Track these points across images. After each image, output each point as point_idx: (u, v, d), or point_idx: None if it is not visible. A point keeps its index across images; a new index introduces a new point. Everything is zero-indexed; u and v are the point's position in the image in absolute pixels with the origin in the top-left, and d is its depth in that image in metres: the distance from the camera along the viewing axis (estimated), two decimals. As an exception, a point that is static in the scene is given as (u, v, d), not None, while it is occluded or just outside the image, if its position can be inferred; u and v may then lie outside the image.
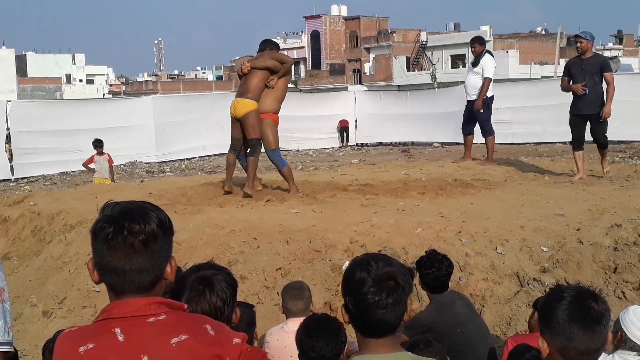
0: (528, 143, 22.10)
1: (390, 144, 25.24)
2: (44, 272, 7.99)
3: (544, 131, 22.09)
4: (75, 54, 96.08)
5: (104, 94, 78.22)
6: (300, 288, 4.63)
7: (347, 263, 6.34)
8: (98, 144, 15.02)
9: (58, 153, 20.78)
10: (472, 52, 13.11)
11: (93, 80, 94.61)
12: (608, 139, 10.31)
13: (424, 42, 69.22)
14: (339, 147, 25.69)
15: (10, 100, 23.18)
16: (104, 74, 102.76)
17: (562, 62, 54.89)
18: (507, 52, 60.59)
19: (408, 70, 65.38)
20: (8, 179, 20.00)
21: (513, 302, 5.72)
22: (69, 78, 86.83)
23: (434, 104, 25.36)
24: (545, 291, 5.24)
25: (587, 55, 10.00)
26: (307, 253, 6.69)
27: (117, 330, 2.05)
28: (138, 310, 2.06)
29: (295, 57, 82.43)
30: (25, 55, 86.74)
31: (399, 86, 55.62)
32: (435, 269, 4.63)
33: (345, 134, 26.36)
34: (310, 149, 25.00)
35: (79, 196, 10.45)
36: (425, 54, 68.68)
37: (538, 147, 20.75)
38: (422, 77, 60.07)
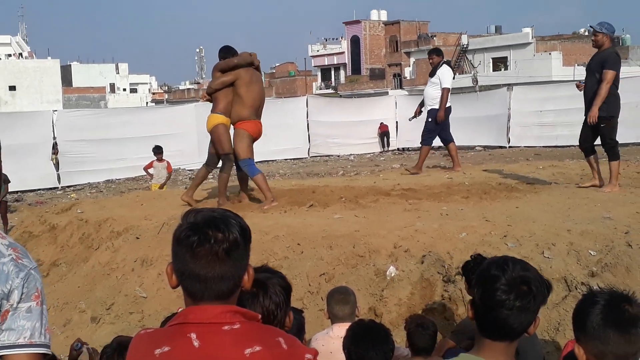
0: (573, 146, 21.78)
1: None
2: (91, 278, 8.08)
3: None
4: (119, 64, 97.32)
5: (147, 103, 79.15)
6: (346, 293, 4.61)
7: (391, 268, 6.32)
8: (158, 150, 15.25)
9: (103, 161, 21.11)
10: (430, 63, 12.93)
11: (136, 89, 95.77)
12: (617, 147, 9.04)
13: (465, 46, 68.69)
14: (380, 152, 25.68)
15: (56, 110, 23.63)
16: (146, 83, 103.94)
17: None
18: (549, 54, 59.86)
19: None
20: (55, 187, 20.38)
21: (561, 306, 5.63)
22: (112, 87, 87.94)
23: (476, 107, 25.16)
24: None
25: (602, 50, 8.96)
26: (351, 258, 6.66)
27: (193, 336, 2.06)
28: (214, 318, 2.07)
29: (335, 62, 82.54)
30: (70, 65, 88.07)
31: (440, 90, 55.28)
32: (483, 274, 4.57)
33: (386, 139, 26.30)
34: (351, 154, 25.01)
35: (125, 203, 10.57)
36: (467, 57, 68.12)
37: (583, 149, 20.42)
38: (463, 80, 59.32)
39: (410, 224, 7.26)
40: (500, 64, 64.41)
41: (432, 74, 12.78)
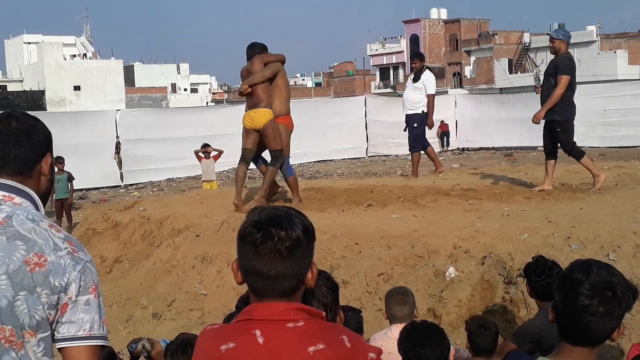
0: (639, 146, 21.34)
1: (492, 148, 24.82)
2: (153, 275, 8.19)
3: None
4: (180, 64, 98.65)
5: (207, 102, 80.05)
6: (405, 293, 4.58)
7: (450, 269, 6.26)
8: (204, 147, 15.70)
9: (164, 160, 21.44)
10: (413, 67, 12.80)
11: (197, 89, 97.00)
12: (577, 147, 9.57)
13: (526, 44, 67.76)
14: (439, 152, 25.44)
15: (119, 110, 24.05)
16: (207, 83, 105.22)
17: (674, 61, 52.64)
18: (615, 52, 58.67)
19: (510, 72, 64.08)
20: (118, 186, 20.78)
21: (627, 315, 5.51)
22: (174, 87, 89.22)
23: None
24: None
25: (558, 56, 9.39)
26: (410, 258, 6.62)
27: (257, 332, 2.07)
28: (278, 315, 2.08)
29: (394, 61, 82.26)
30: (132, 65, 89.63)
31: (500, 89, 54.62)
32: (545, 275, 4.47)
33: (445, 139, 26.13)
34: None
35: (186, 202, 10.69)
36: (529, 56, 67.18)
37: (650, 149, 19.95)
38: (525, 79, 58.60)
39: (470, 224, 7.19)
40: (563, 62, 63.34)
41: (417, 78, 12.60)
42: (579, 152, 9.53)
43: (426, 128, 12.69)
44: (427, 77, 12.68)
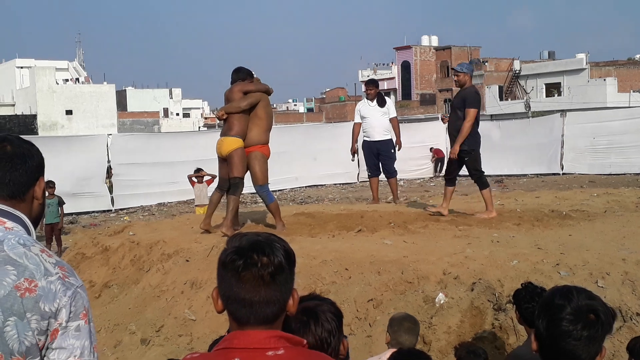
0: (627, 173, 21.43)
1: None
2: (142, 300, 8.14)
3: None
4: (173, 89, 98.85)
5: (199, 127, 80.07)
6: (416, 323, 4.56)
7: (440, 295, 6.24)
8: (198, 171, 15.74)
9: (156, 185, 21.41)
10: (369, 93, 12.76)
11: (189, 113, 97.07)
12: (484, 176, 10.00)
13: (517, 71, 68.20)
14: (430, 178, 25.51)
15: (110, 134, 24.03)
16: (199, 108, 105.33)
17: (663, 89, 53.01)
18: (604, 80, 59.07)
19: (501, 99, 64.47)
20: (109, 210, 20.71)
21: (615, 337, 5.49)
22: (166, 112, 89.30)
23: (528, 133, 24.92)
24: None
25: (464, 88, 9.69)
26: (399, 284, 6.61)
27: None
28: (258, 343, 2.07)
29: (386, 87, 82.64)
30: (125, 90, 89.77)
31: (491, 115, 54.84)
32: (535, 302, 4.44)
33: (440, 165, 26.18)
34: (400, 180, 24.90)
35: (176, 226, 10.66)
36: (519, 83, 67.61)
37: (639, 177, 20.04)
38: (515, 106, 59.16)
39: (460, 250, 7.20)
40: (553, 90, 63.74)
41: (383, 103, 12.62)
42: (484, 182, 9.91)
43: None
44: (390, 101, 12.91)
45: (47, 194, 14.55)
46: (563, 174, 23.42)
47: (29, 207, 2.39)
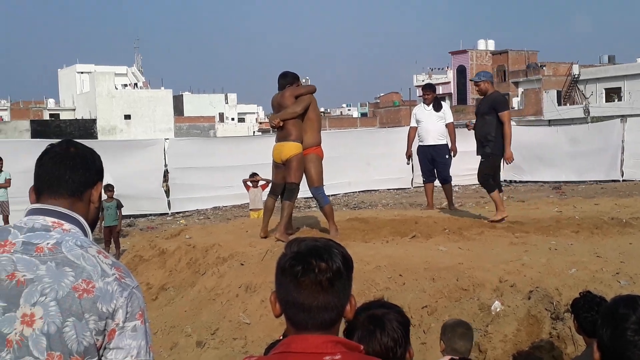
0: (691, 180, 20.91)
1: (540, 181, 24.49)
2: (198, 303, 8.21)
3: None
4: (228, 94, 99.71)
5: (254, 132, 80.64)
6: (469, 328, 4.51)
7: (496, 302, 6.17)
8: (253, 176, 15.80)
9: (211, 189, 21.57)
10: (426, 98, 12.61)
11: (244, 118, 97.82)
12: (490, 180, 9.92)
13: (576, 76, 67.07)
14: (486, 184, 25.23)
15: (167, 138, 24.29)
16: (254, 113, 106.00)
17: None
18: (668, 85, 57.68)
19: (559, 104, 63.39)
20: (165, 213, 20.96)
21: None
22: (221, 117, 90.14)
23: (587, 139, 24.46)
24: None
25: (488, 95, 9.89)
26: (454, 291, 6.55)
27: None
28: (316, 348, 2.07)
29: (441, 92, 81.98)
30: (182, 95, 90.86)
31: (549, 121, 54.04)
32: (594, 312, 4.36)
33: (496, 170, 26.01)
34: (455, 185, 24.68)
35: (231, 230, 10.73)
36: (578, 88, 66.48)
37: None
38: (574, 111, 58.07)
39: (516, 257, 7.11)
40: (613, 94, 62.47)
41: (439, 108, 12.52)
42: (491, 186, 9.95)
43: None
44: (446, 106, 12.84)
45: (105, 197, 14.83)
46: (623, 180, 22.93)
47: (86, 208, 2.43)
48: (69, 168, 2.42)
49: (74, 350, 2.15)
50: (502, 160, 10.14)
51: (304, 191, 9.86)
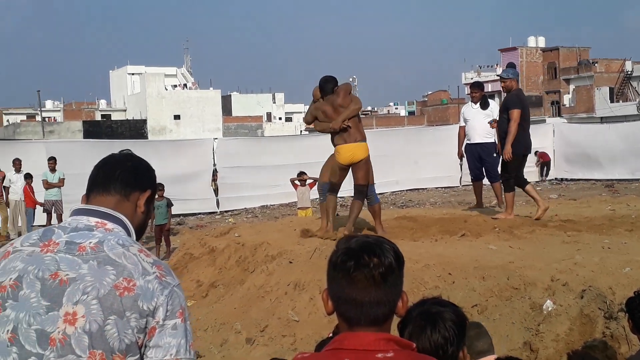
0: None
1: (592, 180, 24.12)
2: (247, 300, 8.26)
3: None
4: (276, 93, 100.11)
5: (300, 131, 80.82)
6: (479, 326, 4.41)
7: (548, 302, 6.10)
8: (300, 175, 15.86)
9: (259, 188, 21.71)
10: (473, 96, 12.39)
11: (291, 117, 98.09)
12: (511, 180, 10.11)
13: (629, 72, 65.84)
14: (537, 182, 24.91)
15: (216, 138, 24.51)
16: (301, 112, 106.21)
17: None
18: None
19: (612, 101, 62.34)
20: (214, 212, 21.16)
21: None
22: (269, 116, 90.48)
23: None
24: None
25: (509, 93, 10.06)
26: (505, 290, 6.48)
27: None
28: (368, 345, 2.07)
29: (490, 90, 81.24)
30: (230, 95, 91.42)
31: (601, 118, 53.18)
32: (650, 311, 4.30)
33: (545, 169, 25.57)
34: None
35: (279, 228, 10.77)
36: (631, 84, 65.24)
37: None
38: (627, 108, 57.06)
39: (569, 256, 7.01)
40: (667, 90, 61.15)
41: (486, 105, 12.27)
42: (510, 186, 10.18)
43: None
44: (493, 103, 12.69)
45: (158, 196, 14.97)
46: (678, 178, 22.48)
47: (132, 208, 2.44)
48: (119, 167, 2.46)
49: (115, 348, 2.16)
50: (522, 158, 10.12)
51: (346, 190, 9.77)
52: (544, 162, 25.74)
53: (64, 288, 2.19)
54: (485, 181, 12.68)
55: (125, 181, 2.43)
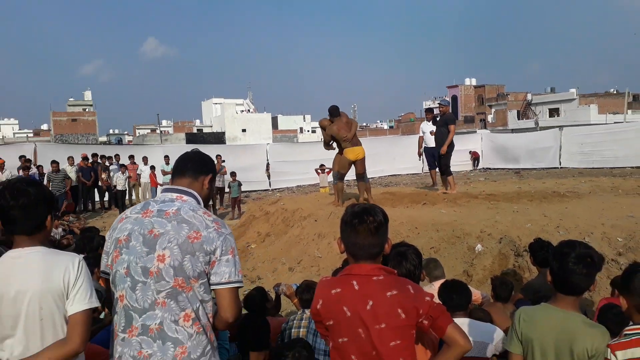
0: (605, 167, 20.07)
1: (507, 168, 23.88)
2: (289, 244, 8.30)
3: (616, 158, 20.16)
4: (305, 115, 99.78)
5: (321, 139, 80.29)
6: (437, 260, 4.42)
7: (478, 245, 6.07)
8: (321, 166, 15.83)
9: (295, 174, 21.70)
10: (428, 117, 11.15)
11: (315, 130, 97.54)
12: (449, 169, 10.03)
13: (530, 100, 64.87)
14: (470, 170, 24.69)
15: (268, 143, 24.56)
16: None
17: (630, 112, 49.17)
18: (589, 105, 55.37)
19: (519, 119, 61.49)
20: (267, 189, 21.18)
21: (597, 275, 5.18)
22: (301, 129, 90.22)
23: (537, 140, 23.90)
24: (620, 269, 4.72)
25: (445, 115, 9.91)
26: (451, 238, 6.48)
27: (354, 282, 2.08)
28: (367, 271, 2.08)
29: (437, 113, 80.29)
30: (277, 116, 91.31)
31: (512, 129, 52.41)
32: (543, 251, 4.28)
33: (476, 161, 25.41)
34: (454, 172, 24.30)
35: (309, 200, 10.77)
36: (531, 108, 64.27)
37: (612, 170, 18.70)
38: (528, 123, 56.25)
39: (491, 217, 6.98)
40: (554, 112, 60.26)
41: (435, 123, 11.13)
42: (449, 172, 10.03)
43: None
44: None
45: (231, 179, 14.95)
46: (561, 167, 22.17)
47: (200, 186, 2.35)
48: (191, 161, 2.40)
49: (191, 276, 2.14)
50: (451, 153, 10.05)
51: (348, 176, 9.64)
52: (475, 158, 25.47)
53: (156, 239, 2.16)
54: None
55: (194, 169, 2.37)
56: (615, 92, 68.98)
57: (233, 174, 15.28)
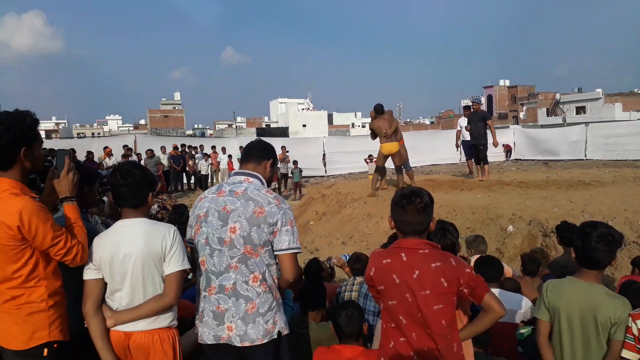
0: (628, 159, 18.80)
1: (536, 159, 22.84)
2: (342, 222, 8.32)
3: (639, 152, 18.94)
4: (356, 112, 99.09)
5: (369, 133, 79.44)
6: (483, 237, 4.32)
7: (510, 226, 5.88)
8: (369, 156, 15.76)
9: (347, 163, 21.66)
10: (465, 114, 10.69)
11: (365, 125, 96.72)
12: (486, 158, 9.64)
13: (558, 99, 61.50)
14: (503, 161, 23.77)
15: (325, 136, 24.59)
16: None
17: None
18: (614, 104, 51.86)
19: (547, 116, 58.49)
20: (324, 176, 21.28)
21: (619, 255, 4.90)
22: (353, 125, 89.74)
23: (565, 134, 22.72)
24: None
25: (478, 111, 9.54)
26: (485, 220, 6.31)
27: (403, 254, 2.07)
28: (414, 245, 2.07)
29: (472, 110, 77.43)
30: (332, 114, 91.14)
31: (541, 125, 49.94)
32: (568, 232, 4.10)
33: (509, 153, 24.52)
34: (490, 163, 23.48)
35: (359, 184, 10.76)
36: (559, 107, 60.96)
37: (635, 162, 17.51)
38: (557, 120, 53.42)
39: (522, 202, 6.73)
40: (581, 110, 56.85)
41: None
42: (486, 161, 9.66)
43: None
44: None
45: (293, 166, 15.12)
46: (586, 159, 20.95)
47: (263, 170, 2.37)
48: (254, 149, 2.39)
49: (257, 244, 2.17)
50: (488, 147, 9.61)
51: (390, 167, 9.46)
52: (508, 150, 24.49)
53: (229, 215, 2.19)
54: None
55: (257, 155, 2.37)
56: (639, 91, 64.15)
57: (295, 162, 15.47)
